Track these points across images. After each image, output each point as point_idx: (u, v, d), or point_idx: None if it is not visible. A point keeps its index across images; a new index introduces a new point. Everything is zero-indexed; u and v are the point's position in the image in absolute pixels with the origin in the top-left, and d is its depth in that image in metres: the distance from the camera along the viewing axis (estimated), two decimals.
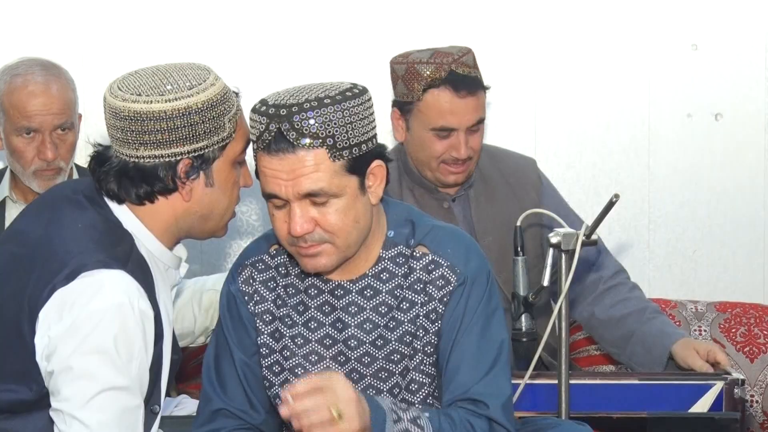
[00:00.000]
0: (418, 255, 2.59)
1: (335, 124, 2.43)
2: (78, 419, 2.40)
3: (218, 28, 4.07)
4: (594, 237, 2.82)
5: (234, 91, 2.56)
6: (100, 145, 2.56)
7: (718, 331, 3.91)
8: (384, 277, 2.60)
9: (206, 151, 2.48)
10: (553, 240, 2.80)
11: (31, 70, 3.43)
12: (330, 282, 2.61)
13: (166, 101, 2.44)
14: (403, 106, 3.49)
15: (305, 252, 2.51)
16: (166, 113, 2.43)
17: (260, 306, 2.65)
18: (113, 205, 2.52)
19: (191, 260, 2.79)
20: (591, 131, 4.24)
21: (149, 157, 2.46)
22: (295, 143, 2.42)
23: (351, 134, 2.46)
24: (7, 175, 3.56)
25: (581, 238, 2.80)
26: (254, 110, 2.49)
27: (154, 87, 2.46)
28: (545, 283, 2.83)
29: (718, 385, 3.06)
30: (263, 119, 2.45)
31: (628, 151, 4.25)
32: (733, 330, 3.91)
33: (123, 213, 2.52)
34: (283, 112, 2.43)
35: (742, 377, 2.99)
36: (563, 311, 2.81)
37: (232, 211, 2.60)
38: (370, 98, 2.53)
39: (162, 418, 2.97)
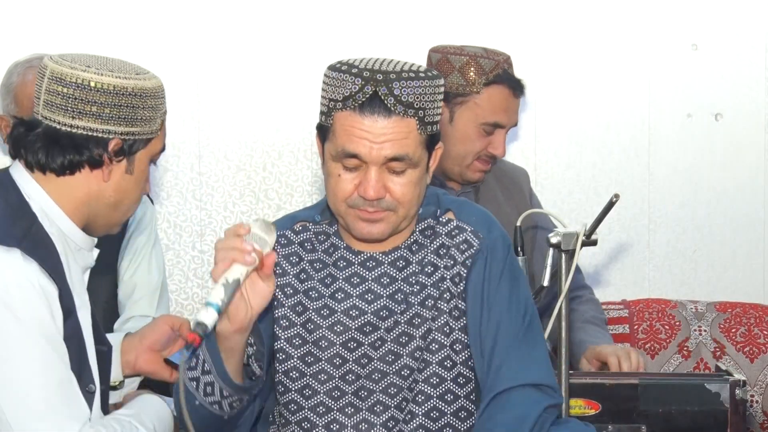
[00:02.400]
0: (444, 221, 2.64)
1: (427, 98, 2.50)
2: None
3: (217, 28, 4.07)
4: (595, 237, 2.82)
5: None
6: (16, 117, 2.53)
7: (718, 331, 3.90)
8: (414, 249, 2.64)
9: (135, 137, 2.50)
10: (553, 240, 2.80)
11: None
12: (362, 254, 2.64)
13: (116, 77, 2.46)
14: (452, 98, 3.43)
15: (367, 216, 2.54)
16: (115, 88, 2.45)
17: (281, 279, 2.65)
18: (22, 182, 2.50)
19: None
20: (591, 131, 4.24)
21: (83, 128, 2.47)
22: (392, 108, 2.47)
23: (435, 111, 2.52)
24: None
25: (581, 238, 2.80)
26: (339, 70, 2.51)
27: (101, 64, 2.49)
28: (545, 283, 2.83)
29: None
30: (356, 80, 2.47)
31: (628, 151, 4.25)
32: (733, 330, 3.91)
33: (33, 189, 2.50)
34: (379, 77, 2.47)
35: (743, 378, 2.99)
36: (563, 311, 2.81)
37: (135, 209, 2.62)
38: None
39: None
